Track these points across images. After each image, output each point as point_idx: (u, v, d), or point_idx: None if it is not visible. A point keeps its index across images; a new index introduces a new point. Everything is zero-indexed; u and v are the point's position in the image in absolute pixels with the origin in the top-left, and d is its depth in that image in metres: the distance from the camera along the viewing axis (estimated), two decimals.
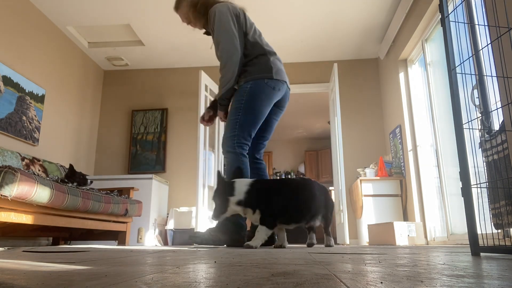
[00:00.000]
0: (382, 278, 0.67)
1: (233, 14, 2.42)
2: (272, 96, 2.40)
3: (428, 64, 4.05)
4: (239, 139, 2.37)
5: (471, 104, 2.27)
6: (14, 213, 2.50)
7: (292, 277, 0.68)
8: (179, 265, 0.93)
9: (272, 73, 2.40)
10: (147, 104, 5.63)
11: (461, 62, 1.51)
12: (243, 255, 1.37)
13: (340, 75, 5.35)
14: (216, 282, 0.63)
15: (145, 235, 4.41)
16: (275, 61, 2.47)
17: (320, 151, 8.96)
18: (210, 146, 5.08)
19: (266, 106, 2.42)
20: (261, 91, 2.38)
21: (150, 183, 4.59)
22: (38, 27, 4.34)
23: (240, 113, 2.39)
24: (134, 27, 4.70)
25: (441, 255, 1.45)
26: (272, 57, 2.46)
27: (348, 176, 4.97)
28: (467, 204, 1.41)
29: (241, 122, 2.38)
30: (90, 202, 3.13)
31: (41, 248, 2.33)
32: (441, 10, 1.57)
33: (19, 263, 1.02)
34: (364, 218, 4.43)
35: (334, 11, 4.41)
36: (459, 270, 0.82)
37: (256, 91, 2.38)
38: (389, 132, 5.01)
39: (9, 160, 3.38)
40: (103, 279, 0.65)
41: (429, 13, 3.66)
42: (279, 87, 2.42)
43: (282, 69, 2.49)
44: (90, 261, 1.09)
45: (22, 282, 0.61)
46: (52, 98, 4.55)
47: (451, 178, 3.62)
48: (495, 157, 2.12)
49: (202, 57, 5.44)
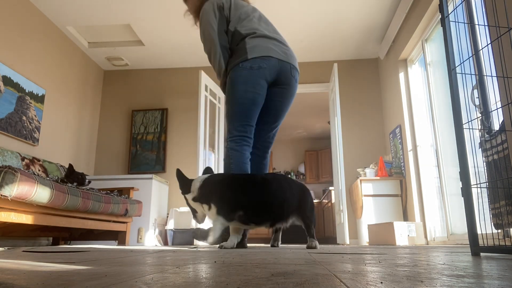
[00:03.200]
0: (382, 278, 0.67)
1: (216, 8, 2.34)
2: (252, 77, 2.22)
3: (428, 64, 4.05)
4: (230, 132, 2.29)
5: (471, 104, 2.27)
6: (14, 213, 2.50)
7: (292, 277, 0.68)
8: (179, 265, 0.93)
9: (247, 54, 2.23)
10: (147, 104, 5.63)
11: (461, 62, 1.51)
12: (243, 255, 1.37)
13: (340, 75, 5.35)
14: (216, 282, 0.63)
15: (145, 235, 4.41)
16: (254, 40, 2.27)
17: (320, 151, 8.96)
18: (210, 146, 5.08)
19: (250, 90, 2.24)
20: (238, 76, 2.25)
21: (150, 183, 4.59)
22: (38, 27, 4.34)
23: (228, 106, 2.32)
24: (134, 27, 4.70)
25: (441, 255, 1.45)
26: (251, 38, 2.28)
27: (348, 176, 4.97)
28: (467, 204, 1.41)
29: (229, 115, 2.30)
30: (90, 202, 3.13)
31: (41, 248, 2.33)
32: (441, 10, 1.57)
33: (19, 263, 1.02)
34: (364, 218, 4.43)
35: (334, 11, 4.41)
36: (459, 270, 0.82)
37: (233, 78, 2.27)
38: (389, 132, 5.01)
39: (9, 160, 3.38)
40: (103, 279, 0.65)
41: (429, 13, 3.66)
42: (259, 64, 2.22)
43: (262, 45, 2.26)
44: (90, 261, 1.09)
45: (22, 282, 0.61)
46: (52, 98, 4.55)
47: (451, 178, 3.62)
48: (495, 157, 2.12)
49: (202, 57, 5.44)
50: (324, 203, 7.56)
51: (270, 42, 2.30)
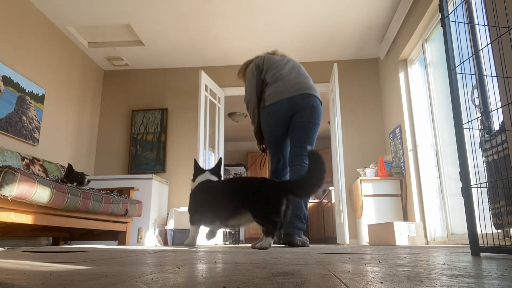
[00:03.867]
0: (382, 278, 0.67)
1: (254, 69, 2.96)
2: (270, 120, 2.83)
3: (428, 64, 4.05)
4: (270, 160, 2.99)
5: (471, 104, 2.27)
6: (14, 213, 2.50)
7: (292, 277, 0.68)
8: (179, 265, 0.93)
9: (265, 102, 2.85)
10: (147, 104, 5.63)
11: (461, 62, 1.51)
12: (243, 255, 1.37)
13: (340, 75, 5.35)
14: (216, 282, 0.63)
15: (145, 235, 4.41)
16: (270, 87, 2.85)
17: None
18: (210, 146, 5.09)
19: (271, 129, 2.86)
20: (262, 120, 2.92)
21: (150, 183, 4.59)
22: (38, 27, 4.34)
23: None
24: (134, 27, 4.70)
25: (441, 255, 1.45)
26: (269, 87, 2.86)
27: (348, 176, 4.97)
28: (467, 204, 1.41)
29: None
30: (90, 202, 3.13)
31: (41, 248, 2.32)
32: (441, 10, 1.57)
33: (19, 263, 1.02)
34: (364, 218, 4.43)
35: (334, 11, 4.41)
36: (459, 270, 0.82)
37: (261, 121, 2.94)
38: (389, 132, 5.01)
39: (9, 160, 3.38)
40: (103, 279, 0.65)
41: (429, 13, 3.66)
42: (273, 109, 2.80)
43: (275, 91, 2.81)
44: (90, 261, 1.09)
45: (22, 282, 0.61)
46: (52, 98, 4.55)
47: (451, 178, 3.62)
48: (495, 157, 2.12)
49: (202, 57, 5.44)
50: (324, 203, 7.56)
51: (284, 85, 2.81)
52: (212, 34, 4.85)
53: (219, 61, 5.56)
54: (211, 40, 5.00)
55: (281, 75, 2.85)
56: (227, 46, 5.14)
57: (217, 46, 5.16)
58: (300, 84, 2.82)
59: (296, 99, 2.76)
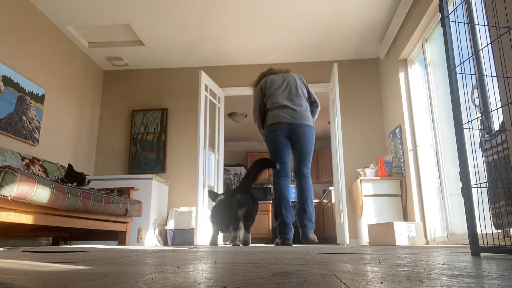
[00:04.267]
0: (382, 278, 0.67)
1: (259, 90, 3.56)
2: (271, 136, 3.41)
3: (428, 64, 4.05)
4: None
5: (471, 104, 2.27)
6: (14, 213, 2.50)
7: (292, 277, 0.68)
8: (179, 265, 0.93)
9: (267, 122, 3.46)
10: (147, 104, 5.63)
11: (461, 62, 1.51)
12: (243, 255, 1.37)
13: (340, 75, 5.35)
14: (216, 282, 0.63)
15: (145, 235, 4.41)
16: (271, 112, 3.44)
17: (320, 151, 8.96)
18: (210, 146, 5.08)
19: (273, 142, 3.41)
20: (265, 135, 3.50)
21: (150, 183, 4.59)
22: (38, 27, 4.34)
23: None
24: (134, 27, 4.70)
25: (441, 255, 1.45)
26: (270, 111, 3.46)
27: (348, 176, 4.97)
28: (467, 204, 1.41)
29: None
30: (90, 202, 3.13)
31: (41, 248, 2.32)
32: (441, 10, 1.57)
33: (19, 263, 1.02)
34: (364, 218, 4.43)
35: (334, 11, 4.41)
36: (459, 270, 0.82)
37: (264, 136, 3.53)
38: (389, 132, 5.01)
39: (9, 160, 3.38)
40: (103, 279, 0.65)
41: (429, 13, 3.66)
42: (273, 128, 3.39)
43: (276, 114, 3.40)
44: (90, 261, 1.09)
45: (22, 282, 0.61)
46: (52, 98, 4.55)
47: (451, 178, 3.62)
48: (495, 157, 2.12)
49: (202, 57, 5.44)
50: (324, 203, 7.56)
51: (283, 111, 3.39)
52: (212, 34, 4.85)
53: (219, 61, 5.56)
54: (211, 40, 5.00)
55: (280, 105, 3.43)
56: (227, 46, 5.14)
57: (217, 46, 5.16)
58: (294, 113, 3.40)
59: (292, 126, 3.38)
